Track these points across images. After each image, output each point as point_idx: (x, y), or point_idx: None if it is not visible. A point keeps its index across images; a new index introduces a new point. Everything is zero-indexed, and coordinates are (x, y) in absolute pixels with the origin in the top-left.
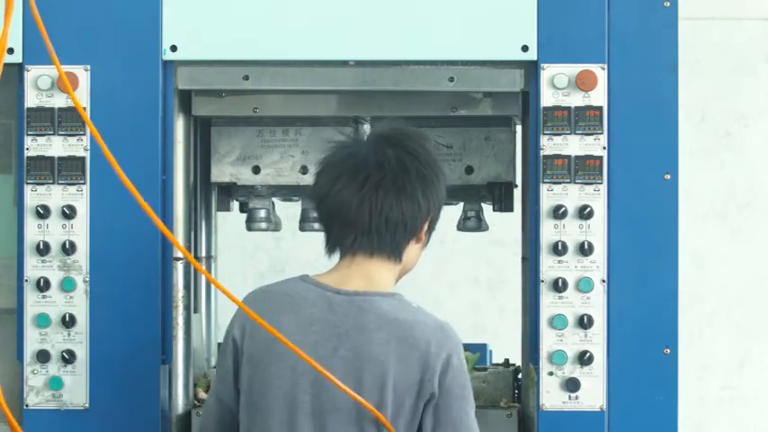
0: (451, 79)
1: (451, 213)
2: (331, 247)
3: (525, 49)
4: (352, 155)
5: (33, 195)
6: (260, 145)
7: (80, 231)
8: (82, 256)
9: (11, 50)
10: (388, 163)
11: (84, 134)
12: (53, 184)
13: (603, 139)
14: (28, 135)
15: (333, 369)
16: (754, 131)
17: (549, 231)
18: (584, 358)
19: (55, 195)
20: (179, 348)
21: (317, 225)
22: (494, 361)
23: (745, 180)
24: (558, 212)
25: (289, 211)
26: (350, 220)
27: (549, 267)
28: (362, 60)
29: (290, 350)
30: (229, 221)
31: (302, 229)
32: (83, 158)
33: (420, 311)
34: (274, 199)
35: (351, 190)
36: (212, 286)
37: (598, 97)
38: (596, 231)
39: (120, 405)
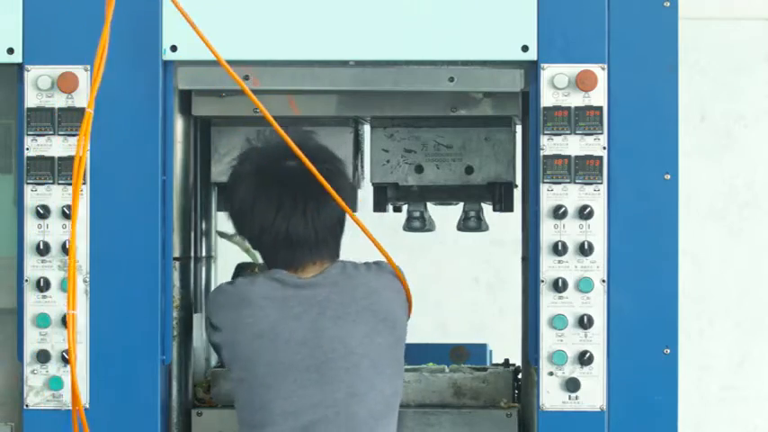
0: (451, 79)
1: (451, 213)
2: (280, 267)
3: (525, 49)
4: (279, 181)
5: (33, 195)
6: None
7: (80, 231)
8: (82, 256)
9: (11, 50)
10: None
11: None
12: (53, 184)
13: (603, 139)
14: (28, 135)
15: None
16: (754, 131)
17: (548, 231)
18: (584, 358)
19: (55, 195)
20: (174, 348)
21: None
22: (494, 361)
23: (745, 180)
24: (558, 212)
25: None
26: (296, 242)
27: (549, 267)
28: (362, 60)
29: None
30: (229, 221)
31: None
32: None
33: None
34: None
35: (296, 217)
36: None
37: (598, 97)
38: (596, 231)
39: (120, 405)
